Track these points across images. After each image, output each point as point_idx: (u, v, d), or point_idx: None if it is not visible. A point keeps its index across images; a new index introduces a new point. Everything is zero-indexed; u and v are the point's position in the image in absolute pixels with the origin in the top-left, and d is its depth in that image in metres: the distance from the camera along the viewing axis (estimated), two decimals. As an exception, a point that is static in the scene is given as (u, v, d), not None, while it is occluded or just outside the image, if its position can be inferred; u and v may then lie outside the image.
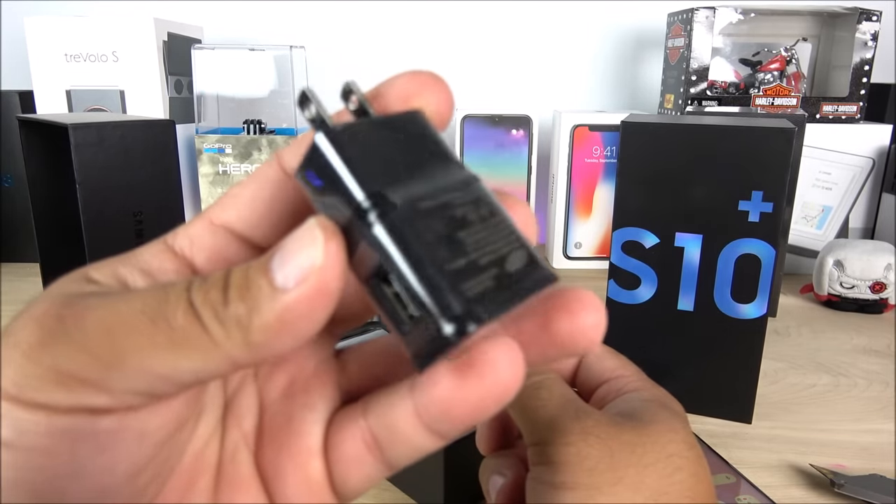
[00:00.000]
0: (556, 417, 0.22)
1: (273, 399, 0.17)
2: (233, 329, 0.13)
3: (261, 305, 0.13)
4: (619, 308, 0.46)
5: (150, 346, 0.12)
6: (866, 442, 0.44)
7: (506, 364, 0.13)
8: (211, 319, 0.13)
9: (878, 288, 0.65)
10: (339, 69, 0.94)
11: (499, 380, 0.13)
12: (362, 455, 0.16)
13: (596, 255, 0.82)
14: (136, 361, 0.12)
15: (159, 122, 0.45)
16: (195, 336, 0.13)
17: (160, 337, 0.12)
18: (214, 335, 0.13)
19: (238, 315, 0.13)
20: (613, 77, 0.95)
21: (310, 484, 0.16)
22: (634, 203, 0.44)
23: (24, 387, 0.12)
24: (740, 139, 0.41)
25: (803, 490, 0.39)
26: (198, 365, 0.13)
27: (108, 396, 0.13)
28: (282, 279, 0.13)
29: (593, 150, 0.78)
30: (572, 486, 0.20)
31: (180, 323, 0.13)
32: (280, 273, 0.13)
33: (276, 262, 0.13)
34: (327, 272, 0.13)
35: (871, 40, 0.76)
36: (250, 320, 0.13)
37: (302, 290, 0.13)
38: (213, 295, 0.13)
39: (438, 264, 0.13)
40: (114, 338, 0.12)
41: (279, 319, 0.13)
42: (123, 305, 0.13)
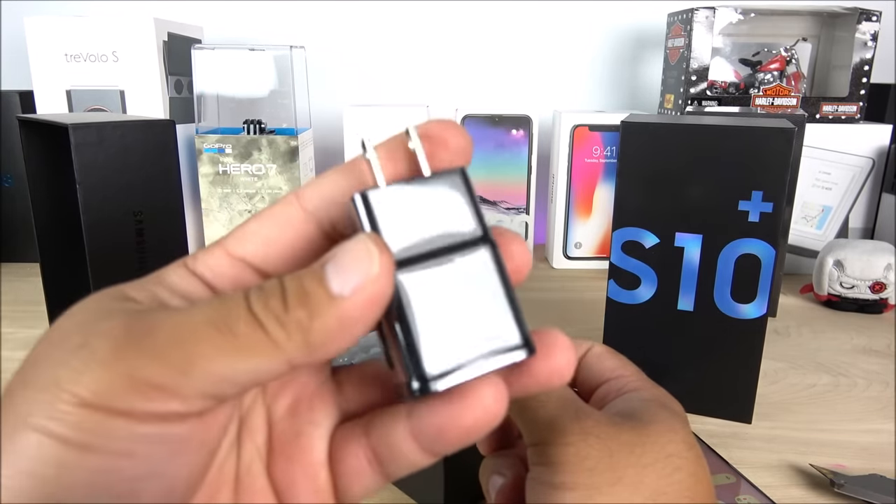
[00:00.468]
0: (556, 418, 0.22)
1: (280, 416, 0.18)
2: (294, 332, 0.14)
3: (321, 311, 0.14)
4: (619, 308, 0.46)
5: (217, 353, 0.14)
6: (866, 442, 0.44)
7: (491, 398, 0.16)
8: (273, 325, 0.14)
9: (878, 288, 0.65)
10: (339, 69, 0.94)
11: (486, 410, 0.16)
12: (364, 468, 0.18)
13: (596, 255, 0.82)
14: (206, 366, 0.14)
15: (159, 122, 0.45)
16: (258, 341, 0.14)
17: (226, 344, 0.14)
18: (276, 339, 0.14)
19: (299, 320, 0.14)
20: (613, 77, 0.95)
21: (318, 493, 0.18)
22: (634, 203, 0.44)
23: (103, 394, 0.13)
24: (740, 139, 0.41)
25: (803, 490, 0.39)
26: (260, 366, 0.14)
27: (180, 402, 0.14)
28: (338, 287, 0.14)
29: (593, 150, 0.78)
30: (572, 487, 0.20)
31: (243, 330, 0.14)
32: (336, 282, 0.15)
33: (330, 272, 0.15)
34: (381, 281, 0.15)
35: (870, 40, 0.76)
36: (311, 324, 0.14)
37: (358, 298, 0.14)
38: (272, 303, 0.14)
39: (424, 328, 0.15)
40: (184, 346, 0.14)
41: (338, 323, 0.14)
42: (189, 317, 0.14)
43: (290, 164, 0.77)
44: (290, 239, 0.17)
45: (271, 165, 0.77)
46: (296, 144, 0.76)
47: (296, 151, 0.76)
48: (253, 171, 0.77)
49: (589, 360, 0.27)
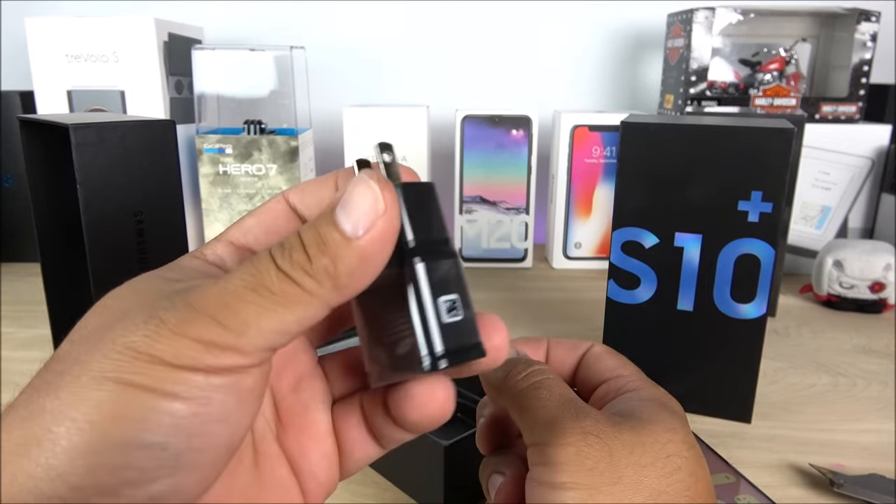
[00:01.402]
0: (556, 417, 0.22)
1: (285, 393, 0.21)
2: (323, 279, 0.16)
3: (341, 255, 0.16)
4: (618, 308, 0.46)
5: (263, 311, 0.16)
6: (866, 442, 0.44)
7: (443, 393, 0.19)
8: (303, 277, 0.16)
9: (878, 288, 0.65)
10: (339, 69, 0.94)
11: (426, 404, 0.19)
12: (363, 437, 0.21)
13: (596, 255, 0.82)
14: (257, 325, 0.16)
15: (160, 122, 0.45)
16: (293, 293, 0.16)
17: (267, 303, 0.16)
18: (309, 288, 0.16)
19: (325, 267, 0.16)
20: (613, 77, 0.95)
21: (327, 458, 0.21)
22: (634, 203, 0.45)
23: (181, 356, 0.15)
24: (740, 139, 0.41)
25: (803, 490, 0.39)
26: (304, 315, 0.16)
27: (242, 357, 0.16)
28: (351, 229, 0.16)
29: (593, 151, 0.78)
30: (572, 486, 0.20)
31: (278, 287, 0.16)
32: (348, 224, 0.16)
33: (340, 215, 0.16)
34: (389, 215, 0.17)
35: (870, 41, 0.76)
36: (336, 268, 0.16)
37: (372, 235, 0.16)
38: (296, 257, 0.16)
39: (438, 312, 0.17)
40: (234, 309, 0.16)
41: (360, 262, 0.16)
42: (228, 285, 0.16)
43: (291, 165, 0.77)
44: (280, 227, 0.20)
45: (271, 166, 0.77)
46: (296, 145, 0.76)
47: (296, 152, 0.76)
48: (253, 171, 0.77)
49: (588, 359, 0.27)
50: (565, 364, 0.28)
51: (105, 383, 0.15)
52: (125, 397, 0.15)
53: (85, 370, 0.15)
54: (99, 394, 0.15)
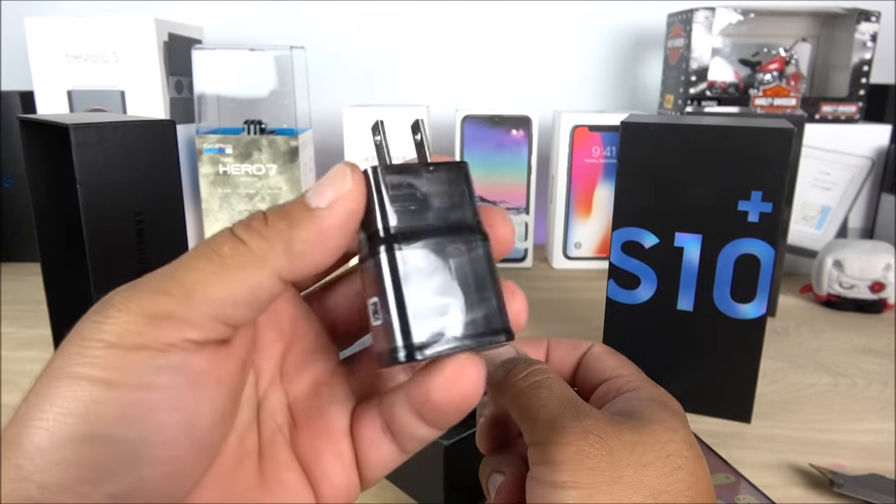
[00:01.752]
0: (556, 417, 0.22)
1: (300, 398, 0.20)
2: (275, 241, 0.16)
3: (300, 222, 0.16)
4: (618, 308, 0.46)
5: (209, 276, 0.15)
6: (866, 442, 0.44)
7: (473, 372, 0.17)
8: (255, 238, 0.16)
9: (878, 288, 0.65)
10: (339, 69, 0.94)
11: (472, 381, 0.17)
12: (381, 438, 0.20)
13: (596, 255, 0.82)
14: (203, 290, 0.15)
15: (160, 122, 0.45)
16: (242, 256, 0.16)
17: (214, 266, 0.15)
18: (259, 249, 0.16)
19: (279, 229, 0.16)
20: (613, 77, 0.95)
21: (342, 461, 0.20)
22: (634, 203, 0.45)
23: (123, 333, 0.15)
24: (740, 139, 0.41)
25: (803, 490, 0.39)
26: (251, 281, 0.16)
27: (190, 328, 0.15)
28: (315, 202, 0.17)
29: (593, 151, 0.78)
30: (572, 486, 0.20)
31: (227, 251, 0.16)
32: (314, 199, 0.17)
33: (309, 193, 0.17)
34: (354, 194, 0.17)
35: (870, 41, 0.76)
36: (291, 233, 0.16)
37: (334, 210, 0.16)
38: (254, 223, 0.16)
39: (413, 302, 0.17)
40: (181, 277, 0.15)
41: (317, 232, 0.16)
42: (181, 259, 0.16)
43: (291, 165, 0.77)
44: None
45: (271, 166, 0.77)
46: (296, 145, 0.76)
47: (296, 152, 0.76)
48: (253, 171, 0.77)
49: (589, 359, 0.27)
50: (565, 364, 0.28)
51: (57, 379, 0.15)
52: (70, 391, 0.14)
53: (46, 369, 0.15)
54: (50, 390, 0.15)
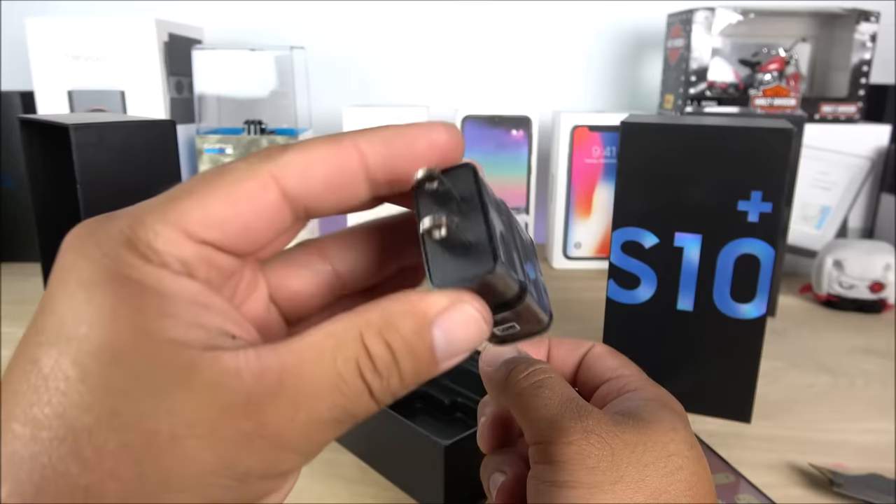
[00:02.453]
0: (558, 416, 0.22)
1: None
2: (392, 380, 0.15)
3: (422, 371, 0.15)
4: (618, 308, 0.46)
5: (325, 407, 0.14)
6: (866, 442, 0.44)
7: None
8: (374, 380, 0.15)
9: (877, 288, 0.65)
10: (339, 69, 0.94)
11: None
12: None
13: (596, 255, 0.82)
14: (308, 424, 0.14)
15: (160, 122, 0.45)
16: (359, 393, 0.15)
17: (339, 399, 0.15)
18: (374, 390, 0.15)
19: (404, 372, 0.15)
20: (613, 77, 0.95)
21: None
22: (634, 203, 0.45)
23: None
24: (739, 139, 0.41)
25: (802, 490, 0.39)
26: (348, 414, 0.15)
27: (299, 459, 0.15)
28: (443, 356, 0.15)
29: (593, 151, 0.78)
30: (574, 485, 0.21)
31: (350, 386, 0.15)
32: (443, 351, 0.15)
33: (438, 338, 0.15)
34: (474, 347, 0.16)
35: (869, 41, 0.76)
36: (408, 377, 0.15)
37: (453, 362, 0.16)
38: (383, 363, 0.15)
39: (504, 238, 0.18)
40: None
41: (429, 375, 0.16)
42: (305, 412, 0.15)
43: (291, 165, 0.77)
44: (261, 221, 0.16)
45: (271, 166, 0.77)
46: (296, 145, 0.76)
47: (296, 152, 0.76)
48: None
49: (590, 359, 0.27)
50: (566, 364, 0.28)
51: None
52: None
53: None
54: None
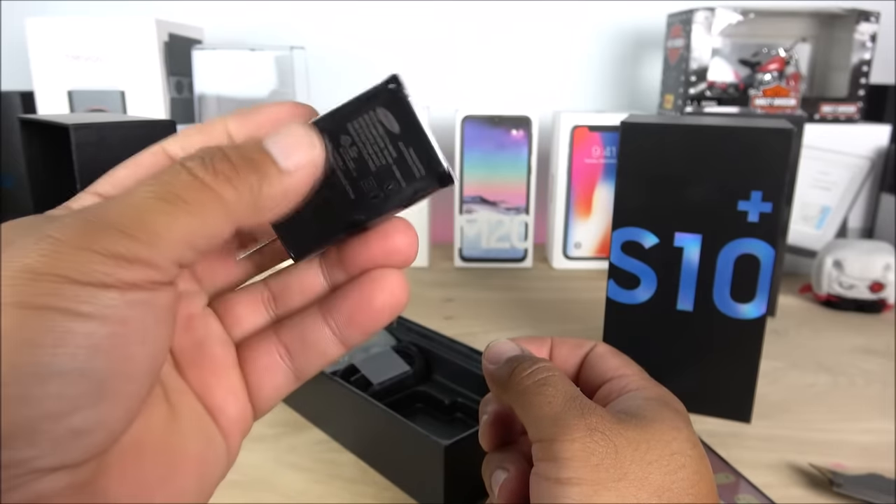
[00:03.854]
0: (561, 414, 0.22)
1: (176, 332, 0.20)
2: (245, 193, 0.16)
3: (271, 180, 0.17)
4: (618, 308, 0.46)
5: (175, 221, 0.15)
6: (866, 442, 0.44)
7: (395, 280, 0.20)
8: (224, 186, 0.16)
9: (877, 288, 0.65)
10: (339, 69, 0.94)
11: (392, 293, 0.20)
12: (276, 364, 0.20)
13: (595, 255, 0.82)
14: (169, 235, 0.15)
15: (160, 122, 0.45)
16: (209, 201, 0.16)
17: (178, 211, 0.15)
18: (227, 198, 0.16)
19: (251, 183, 0.16)
20: (613, 77, 0.95)
21: (234, 393, 0.20)
22: (634, 203, 0.45)
23: (89, 272, 0.14)
24: (739, 139, 0.41)
25: (802, 489, 0.39)
26: (213, 226, 0.16)
27: (156, 272, 0.15)
28: (285, 165, 0.17)
29: (593, 151, 0.78)
30: (577, 482, 0.21)
31: (193, 196, 0.16)
32: (282, 160, 0.17)
33: (274, 150, 0.17)
34: (318, 164, 0.18)
35: (869, 41, 0.76)
36: (260, 188, 0.17)
37: (301, 175, 0.18)
38: (221, 167, 0.16)
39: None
40: (145, 221, 0.15)
41: (283, 193, 0.17)
42: (136, 198, 0.16)
43: (291, 165, 0.77)
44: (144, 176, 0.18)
45: (271, 166, 0.77)
46: (296, 145, 0.76)
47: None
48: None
49: (592, 359, 0.27)
50: (569, 363, 0.28)
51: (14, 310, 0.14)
52: (33, 321, 0.14)
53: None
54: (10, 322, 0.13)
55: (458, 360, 0.48)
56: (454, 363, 0.48)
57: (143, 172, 0.18)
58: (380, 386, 0.45)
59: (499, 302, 0.70)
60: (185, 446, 0.18)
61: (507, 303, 0.70)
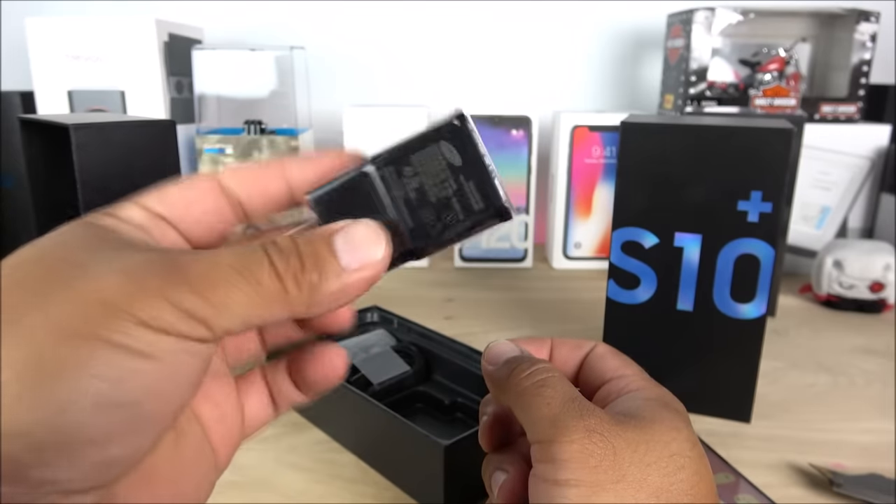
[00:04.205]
0: (560, 415, 0.22)
1: None
2: (305, 290, 0.18)
3: (329, 278, 0.18)
4: (618, 308, 0.46)
5: (245, 298, 0.17)
6: (866, 442, 0.44)
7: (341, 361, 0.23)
8: (290, 281, 0.17)
9: (877, 288, 0.65)
10: (340, 69, 0.94)
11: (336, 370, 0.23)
12: (264, 402, 0.23)
13: (596, 255, 0.82)
14: (235, 308, 0.17)
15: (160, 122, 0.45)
16: (277, 292, 0.17)
17: (252, 291, 0.17)
18: (290, 293, 0.17)
19: (312, 281, 0.18)
20: (613, 77, 0.95)
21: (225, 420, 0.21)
22: (634, 203, 0.45)
23: (160, 319, 0.16)
24: (739, 139, 0.41)
25: (802, 489, 0.39)
26: (271, 313, 0.17)
27: (208, 331, 0.16)
28: (346, 262, 0.18)
29: (593, 151, 0.78)
30: (575, 484, 0.21)
31: (266, 282, 0.17)
32: (345, 257, 0.18)
33: (340, 245, 0.18)
34: (381, 265, 0.19)
35: (869, 41, 0.76)
36: (319, 286, 0.18)
37: (361, 275, 0.18)
38: (292, 262, 0.18)
39: None
40: (219, 289, 0.16)
41: (340, 291, 0.18)
42: (217, 262, 0.17)
43: (291, 165, 0.77)
44: (205, 207, 0.20)
45: (271, 166, 0.77)
46: (296, 145, 0.76)
47: (296, 152, 0.76)
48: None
49: (592, 359, 0.27)
50: (569, 363, 0.28)
51: (94, 343, 0.15)
52: (103, 355, 0.15)
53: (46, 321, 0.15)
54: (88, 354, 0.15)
55: (458, 360, 0.48)
56: (454, 363, 0.48)
57: (194, 196, 0.20)
58: (380, 386, 0.45)
59: (499, 302, 0.70)
60: (188, 463, 0.20)
61: (507, 303, 0.70)
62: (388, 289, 0.74)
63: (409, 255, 0.20)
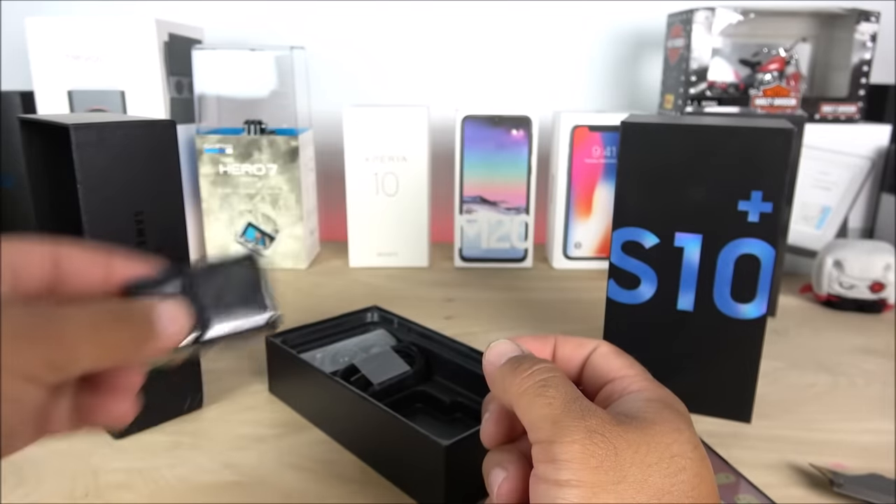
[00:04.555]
0: (561, 416, 0.22)
1: None
2: (136, 345, 0.22)
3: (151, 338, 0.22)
4: (618, 308, 0.46)
5: (102, 350, 0.21)
6: (866, 442, 0.44)
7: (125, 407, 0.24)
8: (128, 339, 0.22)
9: (877, 288, 0.65)
10: (339, 69, 0.94)
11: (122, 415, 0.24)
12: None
13: (596, 255, 0.82)
14: (95, 358, 0.20)
15: (160, 122, 0.45)
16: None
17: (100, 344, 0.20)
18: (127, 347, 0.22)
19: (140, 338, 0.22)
20: (613, 77, 0.95)
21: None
22: (634, 203, 0.45)
23: (29, 372, 0.19)
24: (740, 139, 0.41)
25: (803, 490, 0.39)
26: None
27: (66, 378, 0.20)
28: (161, 329, 0.23)
29: (593, 151, 0.78)
30: (576, 484, 0.20)
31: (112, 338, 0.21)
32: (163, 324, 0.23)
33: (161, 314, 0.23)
34: (177, 339, 0.23)
35: (869, 41, 0.76)
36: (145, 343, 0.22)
37: (167, 343, 0.23)
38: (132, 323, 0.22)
39: None
40: (81, 345, 0.20)
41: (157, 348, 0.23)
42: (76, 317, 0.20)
43: (291, 165, 0.77)
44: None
45: (272, 166, 0.77)
46: (296, 145, 0.76)
47: (296, 152, 0.76)
48: (253, 171, 0.77)
49: (595, 359, 0.27)
50: (572, 362, 0.28)
51: None
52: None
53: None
54: None
55: (458, 360, 0.48)
56: (454, 363, 0.48)
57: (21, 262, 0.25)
58: (380, 386, 0.45)
59: (499, 302, 0.70)
60: None
61: (507, 303, 0.70)
62: (389, 289, 0.74)
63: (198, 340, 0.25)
